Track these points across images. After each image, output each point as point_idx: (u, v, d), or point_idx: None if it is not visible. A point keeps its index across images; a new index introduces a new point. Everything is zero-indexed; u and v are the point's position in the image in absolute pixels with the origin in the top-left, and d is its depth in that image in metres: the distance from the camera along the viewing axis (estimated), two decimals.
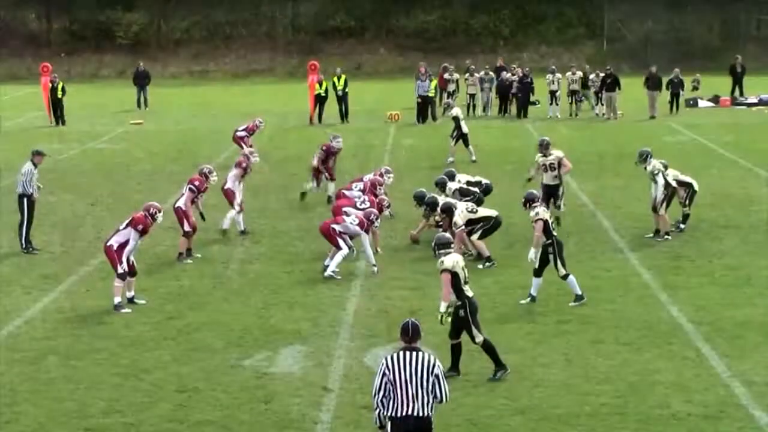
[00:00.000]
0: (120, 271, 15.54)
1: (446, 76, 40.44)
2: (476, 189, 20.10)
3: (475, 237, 18.05)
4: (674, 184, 19.55)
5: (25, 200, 19.33)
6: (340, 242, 17.22)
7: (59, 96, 39.04)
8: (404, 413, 8.93)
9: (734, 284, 16.56)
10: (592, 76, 39.37)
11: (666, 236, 19.34)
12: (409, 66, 51.71)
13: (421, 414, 8.94)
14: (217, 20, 63.47)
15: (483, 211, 18.33)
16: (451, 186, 19.70)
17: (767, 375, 12.58)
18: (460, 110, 30.17)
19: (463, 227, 17.94)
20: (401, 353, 9.04)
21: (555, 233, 15.51)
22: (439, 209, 18.39)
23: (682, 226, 19.99)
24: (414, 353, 9.02)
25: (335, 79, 38.66)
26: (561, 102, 38.91)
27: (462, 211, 18.08)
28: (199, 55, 62.72)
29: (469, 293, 12.56)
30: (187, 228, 18.40)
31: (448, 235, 13.96)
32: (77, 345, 14.05)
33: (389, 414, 8.98)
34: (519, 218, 19.02)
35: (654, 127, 35.81)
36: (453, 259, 12.54)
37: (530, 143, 32.45)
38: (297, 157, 29.78)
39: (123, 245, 15.67)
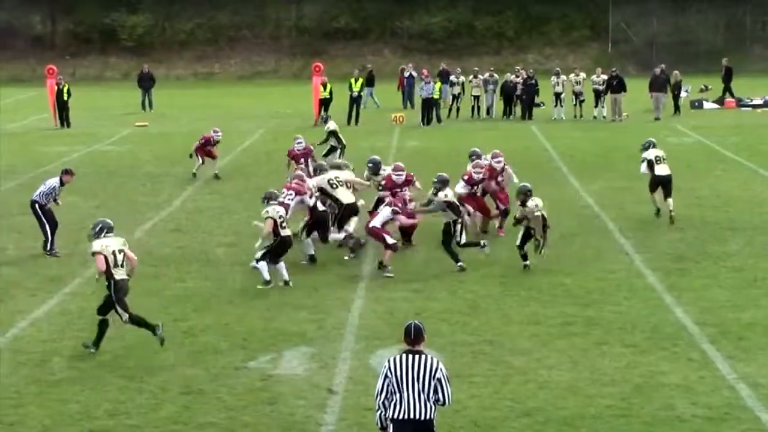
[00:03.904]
0: None
1: (452, 78, 40.43)
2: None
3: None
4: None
5: (37, 206, 19.42)
6: (387, 238, 17.47)
7: (65, 99, 38.97)
8: (405, 416, 8.92)
9: (739, 286, 16.53)
10: (594, 77, 39.22)
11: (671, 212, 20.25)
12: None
13: (422, 417, 8.93)
14: (222, 22, 63.54)
15: (340, 192, 18.60)
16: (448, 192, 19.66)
17: None
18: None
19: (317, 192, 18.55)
20: (404, 356, 9.03)
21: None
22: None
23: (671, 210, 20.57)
24: (417, 356, 9.01)
25: (352, 80, 38.69)
26: (566, 104, 38.86)
27: (323, 179, 18.71)
28: (204, 57, 62.81)
29: (121, 275, 13.53)
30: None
31: None
32: (82, 347, 14.05)
33: (391, 416, 8.97)
34: None
35: (659, 129, 35.71)
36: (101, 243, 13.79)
37: (535, 145, 32.51)
38: None
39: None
